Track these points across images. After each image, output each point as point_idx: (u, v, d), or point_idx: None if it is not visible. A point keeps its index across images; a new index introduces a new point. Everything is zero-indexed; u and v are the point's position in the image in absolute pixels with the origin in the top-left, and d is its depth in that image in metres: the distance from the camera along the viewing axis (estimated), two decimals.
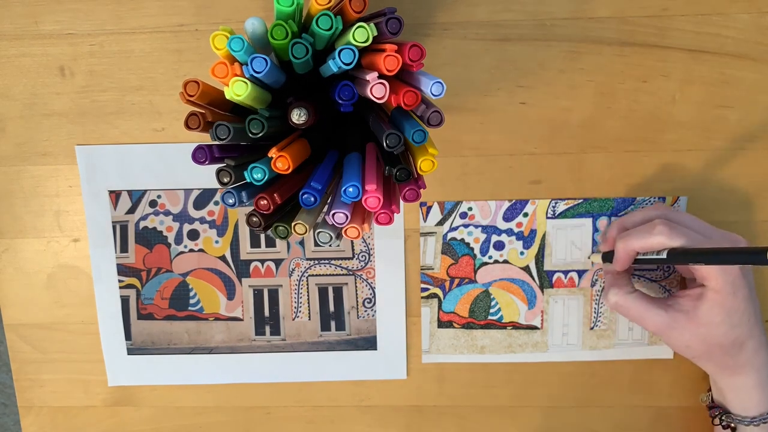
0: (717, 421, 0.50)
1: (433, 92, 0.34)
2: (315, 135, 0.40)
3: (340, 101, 0.35)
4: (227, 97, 0.34)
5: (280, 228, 0.38)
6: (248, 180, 0.36)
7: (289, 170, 0.35)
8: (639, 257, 0.47)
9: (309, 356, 0.55)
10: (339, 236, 0.38)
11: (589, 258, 0.53)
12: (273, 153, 0.35)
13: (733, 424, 0.48)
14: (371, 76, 0.34)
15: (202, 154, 0.37)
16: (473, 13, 0.49)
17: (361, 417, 0.56)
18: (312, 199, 0.37)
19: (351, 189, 0.35)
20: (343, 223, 0.37)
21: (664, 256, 0.44)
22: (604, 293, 0.50)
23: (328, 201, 0.40)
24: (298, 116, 0.34)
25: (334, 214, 0.36)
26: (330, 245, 0.39)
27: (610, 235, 0.50)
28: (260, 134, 0.35)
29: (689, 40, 0.49)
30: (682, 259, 0.43)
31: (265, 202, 0.37)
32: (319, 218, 0.39)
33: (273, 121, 0.36)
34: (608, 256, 0.50)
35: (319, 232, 0.38)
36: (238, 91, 0.33)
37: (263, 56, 0.33)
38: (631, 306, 0.48)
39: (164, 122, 0.51)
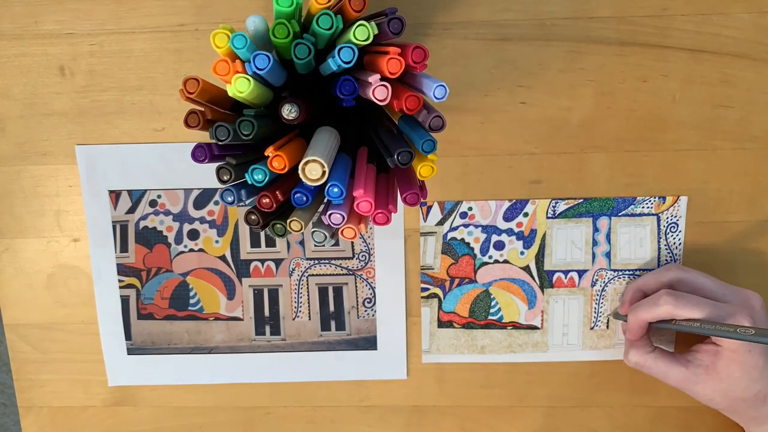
0: None
1: (435, 95, 0.34)
2: (312, 135, 0.40)
3: (341, 96, 0.36)
4: (230, 94, 0.34)
5: (278, 226, 0.38)
6: (249, 182, 0.36)
7: (285, 170, 0.35)
8: (655, 324, 0.48)
9: (309, 356, 0.55)
10: (334, 235, 0.38)
11: (613, 318, 0.54)
12: (270, 152, 0.35)
13: None
14: (374, 78, 0.34)
15: (201, 153, 0.37)
16: (473, 13, 0.49)
17: (361, 417, 0.56)
18: (304, 198, 0.37)
19: (335, 189, 0.35)
20: (340, 223, 0.37)
21: (677, 326, 0.46)
22: (624, 353, 0.52)
23: (325, 201, 0.40)
24: (288, 111, 0.34)
25: (330, 214, 0.36)
26: (324, 245, 0.39)
27: (626, 299, 0.52)
28: (251, 134, 0.35)
29: (689, 40, 0.49)
30: (696, 330, 0.44)
31: (268, 200, 0.37)
32: (316, 218, 0.39)
33: (267, 120, 0.36)
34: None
35: (313, 232, 0.38)
36: (241, 88, 0.33)
37: (266, 53, 0.33)
38: (652, 365, 0.49)
39: (164, 122, 0.51)
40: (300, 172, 0.34)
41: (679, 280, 0.49)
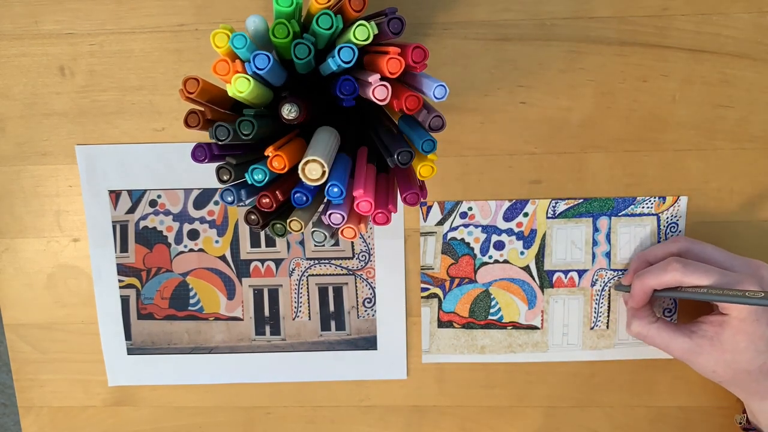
0: None
1: (435, 95, 0.34)
2: (312, 135, 0.40)
3: (341, 96, 0.36)
4: (230, 94, 0.34)
5: (278, 225, 0.38)
6: (249, 182, 0.36)
7: (285, 170, 0.35)
8: (659, 292, 0.47)
9: (309, 356, 0.55)
10: (334, 235, 0.38)
11: (615, 289, 0.53)
12: (269, 152, 0.35)
13: None
14: (374, 78, 0.34)
15: (201, 153, 0.37)
16: (473, 13, 0.49)
17: (361, 417, 0.56)
18: (304, 198, 0.37)
19: (335, 189, 0.35)
20: (339, 223, 0.37)
21: (684, 293, 0.45)
22: (626, 324, 0.51)
23: (324, 201, 0.40)
24: (288, 111, 0.34)
25: (330, 214, 0.36)
26: (324, 245, 0.38)
27: (631, 269, 0.51)
28: (251, 134, 0.35)
29: (689, 40, 0.49)
30: (702, 296, 0.44)
31: (268, 200, 0.37)
32: (316, 218, 0.39)
33: (267, 120, 0.36)
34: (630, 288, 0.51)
35: (313, 231, 0.38)
36: (241, 87, 0.33)
37: (266, 53, 0.33)
38: (654, 335, 0.48)
39: (164, 122, 0.51)
40: (300, 172, 0.34)
41: (687, 251, 0.48)
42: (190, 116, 0.36)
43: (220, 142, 0.35)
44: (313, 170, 0.34)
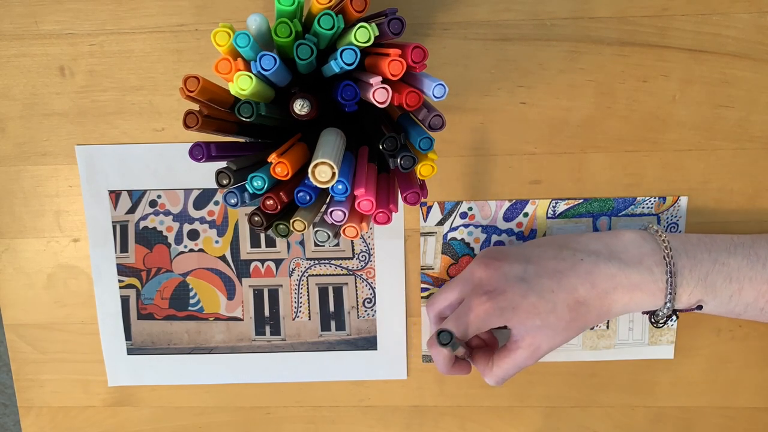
0: None
1: (435, 94, 0.34)
2: (314, 136, 0.40)
3: (343, 101, 0.35)
4: (232, 92, 0.34)
5: (281, 226, 0.38)
6: (251, 192, 0.36)
7: (289, 176, 0.35)
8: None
9: (309, 356, 0.55)
10: (337, 235, 0.38)
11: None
12: (272, 158, 0.35)
13: None
14: (375, 80, 0.34)
15: (198, 151, 0.37)
16: (473, 13, 0.49)
17: (361, 417, 0.56)
18: (307, 197, 0.37)
19: (339, 186, 0.35)
20: (341, 220, 0.37)
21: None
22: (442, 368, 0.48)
23: (327, 200, 0.40)
24: (300, 107, 0.34)
25: (332, 211, 0.36)
26: (328, 244, 0.38)
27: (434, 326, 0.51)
28: (252, 118, 0.34)
29: (689, 40, 0.49)
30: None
31: (272, 202, 0.37)
32: (318, 218, 0.39)
33: (271, 107, 0.36)
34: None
35: (317, 231, 0.38)
36: (243, 85, 0.33)
37: (272, 54, 0.33)
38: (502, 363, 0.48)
39: (164, 122, 0.51)
40: (310, 174, 0.34)
41: (439, 313, 0.50)
42: (189, 117, 0.36)
43: (245, 120, 0.35)
44: (323, 172, 0.34)
